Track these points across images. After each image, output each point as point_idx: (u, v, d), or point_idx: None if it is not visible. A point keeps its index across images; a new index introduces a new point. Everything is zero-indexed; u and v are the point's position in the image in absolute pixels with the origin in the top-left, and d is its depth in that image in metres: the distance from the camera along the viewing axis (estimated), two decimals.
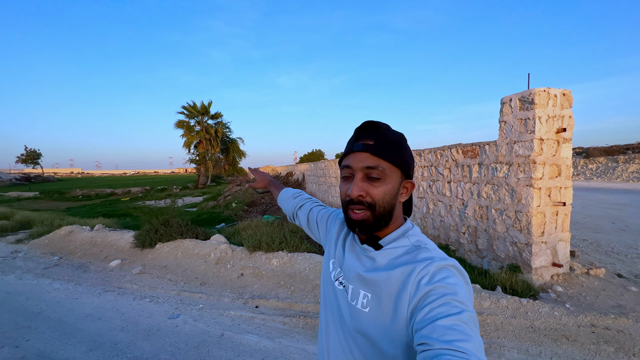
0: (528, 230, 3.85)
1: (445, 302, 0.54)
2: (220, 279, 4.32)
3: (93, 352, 2.71)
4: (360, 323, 0.66)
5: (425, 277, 0.59)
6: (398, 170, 0.68)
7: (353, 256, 0.74)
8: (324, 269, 0.84)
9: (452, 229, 5.20)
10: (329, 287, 0.79)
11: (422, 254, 0.64)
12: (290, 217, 1.13)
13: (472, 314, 0.54)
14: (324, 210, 0.99)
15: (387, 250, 0.68)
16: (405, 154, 0.68)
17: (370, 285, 0.66)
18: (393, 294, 0.62)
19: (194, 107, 26.43)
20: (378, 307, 0.64)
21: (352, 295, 0.69)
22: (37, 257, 5.85)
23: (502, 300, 3.00)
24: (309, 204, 1.06)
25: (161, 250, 5.32)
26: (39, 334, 3.03)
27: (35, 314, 3.48)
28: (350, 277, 0.72)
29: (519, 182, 3.96)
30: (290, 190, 1.18)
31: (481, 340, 0.51)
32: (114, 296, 3.95)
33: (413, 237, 0.69)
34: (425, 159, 5.87)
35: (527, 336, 2.61)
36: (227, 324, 3.17)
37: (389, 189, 0.66)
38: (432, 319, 0.52)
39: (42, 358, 2.64)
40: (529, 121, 3.83)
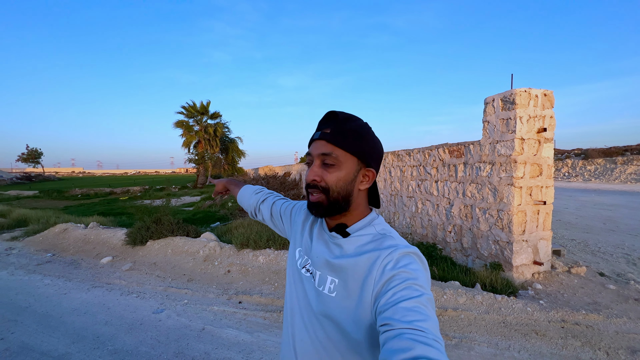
0: (509, 229, 3.90)
1: (407, 286, 0.58)
2: (207, 276, 4.38)
3: (75, 345, 2.77)
4: (327, 307, 0.69)
5: (390, 263, 0.62)
6: (354, 158, 0.70)
7: (321, 243, 0.77)
8: (290, 258, 0.86)
9: (439, 228, 5.25)
10: (295, 275, 0.81)
11: (387, 241, 0.67)
12: (251, 213, 1.13)
13: (430, 297, 0.58)
14: (287, 203, 1.01)
15: (354, 237, 0.71)
16: (364, 142, 0.70)
17: (337, 271, 0.69)
18: (359, 278, 0.65)
19: (193, 107, 26.54)
20: (344, 292, 0.67)
21: (320, 281, 0.72)
22: (31, 254, 5.92)
23: (477, 296, 3.06)
24: (272, 198, 1.08)
25: (152, 248, 5.39)
26: (24, 327, 3.10)
27: (23, 309, 3.54)
28: (319, 263, 0.74)
29: (501, 181, 4.02)
30: (251, 187, 1.19)
31: (436, 319, 0.55)
32: (102, 292, 4.01)
33: (379, 225, 0.72)
34: (414, 158, 5.92)
35: (499, 331, 2.67)
36: (209, 319, 3.23)
37: (343, 175, 0.69)
38: (395, 301, 0.56)
39: (25, 349, 2.71)
40: (510, 121, 3.88)
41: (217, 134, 27.09)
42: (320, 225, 0.81)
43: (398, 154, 6.48)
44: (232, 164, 30.13)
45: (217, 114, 27.64)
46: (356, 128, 0.70)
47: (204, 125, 26.93)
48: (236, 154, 30.15)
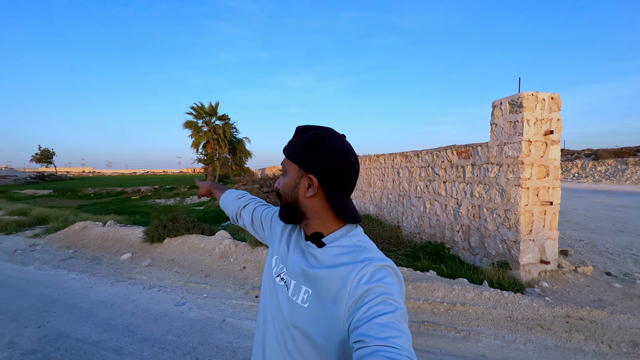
0: (516, 229, 4.01)
1: (381, 300, 0.58)
2: (224, 272, 4.58)
3: (107, 333, 2.99)
4: (299, 318, 0.68)
5: (365, 276, 0.62)
6: (294, 165, 0.73)
7: (297, 252, 0.76)
8: (267, 266, 0.86)
9: (447, 228, 5.37)
10: (270, 283, 0.81)
11: (362, 254, 0.67)
12: (233, 218, 1.12)
13: (404, 311, 0.59)
14: (268, 210, 1.01)
15: (330, 248, 0.71)
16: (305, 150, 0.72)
17: (311, 281, 0.69)
18: (333, 290, 0.64)
19: (201, 107, 26.95)
20: (317, 303, 0.66)
21: (294, 291, 0.72)
22: (54, 250, 6.21)
23: (485, 292, 3.19)
24: (253, 204, 1.08)
25: (169, 245, 5.62)
26: (58, 317, 3.33)
27: (54, 300, 3.78)
28: (294, 273, 0.74)
29: (508, 182, 4.13)
30: (234, 191, 1.19)
31: (410, 334, 0.56)
32: (125, 286, 4.24)
33: (355, 237, 0.72)
34: (422, 159, 6.05)
35: (505, 325, 2.80)
36: (228, 311, 3.42)
37: (287, 180, 0.75)
38: (369, 317, 0.55)
39: (62, 337, 2.93)
40: (517, 124, 4.00)
41: (226, 134, 27.46)
42: (298, 234, 0.80)
43: (406, 155, 6.61)
44: (240, 164, 30.49)
45: (226, 115, 28.03)
46: (302, 137, 0.74)
47: (212, 126, 27.32)
48: (243, 154, 30.50)
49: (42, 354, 2.65)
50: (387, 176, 7.42)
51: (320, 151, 0.71)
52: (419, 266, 4.33)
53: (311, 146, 0.71)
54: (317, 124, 0.77)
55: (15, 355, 2.64)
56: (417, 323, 2.92)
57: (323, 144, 0.71)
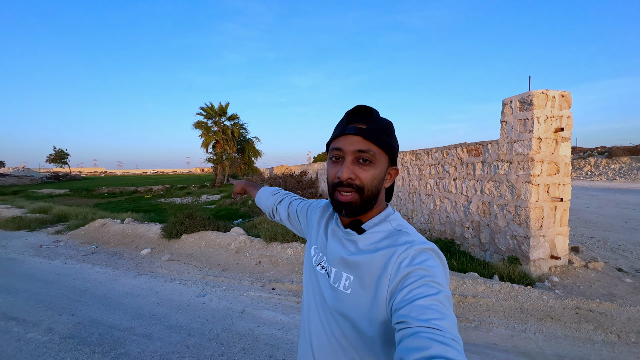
0: (527, 224, 4.08)
1: (423, 283, 0.56)
2: (240, 266, 4.77)
3: (136, 320, 3.19)
4: (342, 304, 0.69)
5: (406, 259, 0.61)
6: (386, 156, 0.70)
7: (336, 241, 0.77)
8: (306, 256, 0.87)
9: (457, 224, 5.45)
10: (311, 272, 0.82)
11: (402, 237, 0.66)
12: (269, 213, 1.15)
13: (448, 294, 0.57)
14: (303, 203, 1.03)
15: (370, 234, 0.70)
16: (393, 140, 0.71)
17: (352, 268, 0.69)
18: (375, 275, 0.64)
19: (211, 108, 27.36)
20: (360, 289, 0.66)
21: (335, 278, 0.72)
22: (77, 246, 6.50)
23: (495, 285, 3.28)
24: (288, 199, 1.10)
25: (186, 241, 5.83)
26: (89, 306, 3.55)
27: (83, 291, 4.02)
28: (334, 260, 0.74)
29: (518, 178, 4.20)
30: (268, 188, 1.22)
31: (455, 318, 0.54)
32: (147, 279, 4.46)
33: (394, 221, 0.72)
34: (432, 157, 6.13)
35: (516, 316, 2.89)
36: (247, 302, 3.59)
37: (378, 173, 0.69)
38: (411, 299, 0.55)
39: (95, 323, 3.14)
40: (527, 121, 4.06)
41: (235, 134, 27.81)
42: (335, 223, 0.80)
43: (416, 153, 6.70)
44: (249, 163, 30.84)
45: (235, 115, 28.38)
46: (387, 125, 0.71)
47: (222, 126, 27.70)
48: (252, 154, 30.84)
49: (79, 338, 2.86)
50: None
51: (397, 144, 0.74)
52: None
53: (394, 136, 0.72)
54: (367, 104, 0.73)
55: (55, 339, 2.86)
56: None
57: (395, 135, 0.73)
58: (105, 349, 2.69)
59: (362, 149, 0.67)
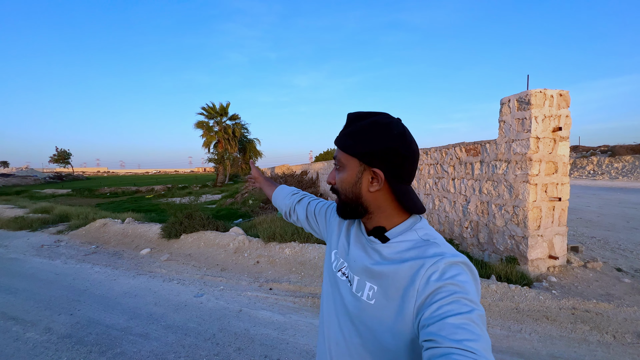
0: (525, 224, 4.07)
1: (455, 299, 0.53)
2: (239, 266, 4.78)
3: (133, 320, 3.21)
4: (365, 314, 0.66)
5: (435, 273, 0.58)
6: (354, 159, 0.68)
7: (359, 247, 0.73)
8: (327, 260, 0.85)
9: (456, 224, 5.44)
10: (331, 277, 0.80)
11: (431, 249, 0.62)
12: (286, 213, 1.12)
13: (482, 313, 0.54)
14: (322, 204, 1.00)
15: (395, 243, 0.67)
16: (365, 141, 0.66)
17: (377, 278, 0.66)
18: (400, 288, 0.61)
19: (213, 108, 27.42)
20: (384, 300, 0.63)
21: (358, 287, 0.69)
22: (77, 246, 6.54)
23: (492, 285, 3.28)
24: (307, 199, 1.07)
25: (185, 241, 5.86)
26: (87, 306, 3.58)
27: (82, 291, 4.05)
28: (356, 268, 0.71)
29: (516, 178, 4.18)
30: (287, 187, 1.18)
31: (489, 339, 0.51)
32: (146, 278, 4.48)
33: (421, 230, 0.67)
34: (431, 157, 6.12)
35: (511, 316, 2.89)
36: (244, 302, 3.61)
37: (346, 177, 0.70)
38: (441, 316, 0.52)
39: (93, 323, 3.16)
40: (526, 121, 4.05)
41: (236, 134, 27.86)
42: (358, 228, 0.77)
43: None
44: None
45: (236, 115, 28.44)
46: (359, 127, 0.67)
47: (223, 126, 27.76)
48: (253, 154, 30.89)
49: (77, 338, 2.88)
50: None
51: (382, 142, 0.65)
52: None
53: (372, 136, 0.66)
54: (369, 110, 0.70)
55: (52, 339, 2.88)
56: None
57: (385, 132, 0.66)
58: (102, 348, 2.71)
59: (334, 155, 0.74)
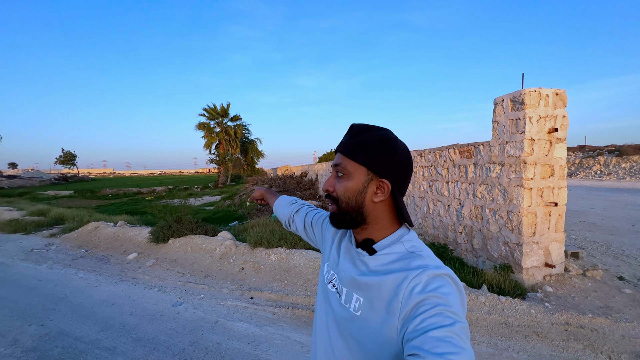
0: (519, 230, 3.86)
1: (438, 312, 0.53)
2: (223, 272, 4.64)
3: (104, 332, 3.08)
4: (351, 326, 0.67)
5: (418, 285, 0.58)
6: (363, 168, 0.68)
7: (348, 259, 0.75)
8: (321, 272, 0.86)
9: (450, 229, 5.24)
10: (323, 290, 0.81)
11: (416, 261, 0.63)
12: (286, 223, 1.14)
13: (465, 326, 0.54)
14: (319, 215, 1.01)
15: (381, 255, 0.68)
16: (375, 152, 0.68)
17: (363, 289, 0.67)
18: (385, 300, 0.62)
19: (214, 109, 27.41)
20: (369, 312, 0.64)
21: (346, 298, 0.71)
22: (67, 250, 6.46)
23: (480, 297, 3.09)
24: (305, 209, 1.08)
25: (173, 245, 5.74)
26: (61, 316, 3.46)
27: (60, 299, 3.94)
28: (345, 280, 0.72)
29: (510, 182, 3.98)
30: (286, 197, 1.21)
31: (472, 352, 0.51)
32: (127, 285, 4.36)
33: (408, 242, 0.68)
34: (425, 159, 5.92)
35: (499, 332, 2.70)
36: (222, 312, 3.46)
37: (351, 185, 0.69)
38: (424, 329, 0.52)
39: (62, 335, 3.04)
40: (519, 121, 3.84)
41: (237, 135, 27.83)
42: (349, 240, 0.78)
43: None
44: (251, 164, 30.85)
45: (237, 116, 28.42)
46: (369, 138, 0.69)
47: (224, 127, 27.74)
48: (255, 154, 30.84)
49: (41, 352, 2.76)
50: None
51: (391, 154, 0.68)
52: None
53: (382, 148, 0.68)
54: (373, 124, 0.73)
55: (16, 353, 2.76)
56: None
57: (393, 146, 0.69)
58: None
59: (336, 162, 0.72)
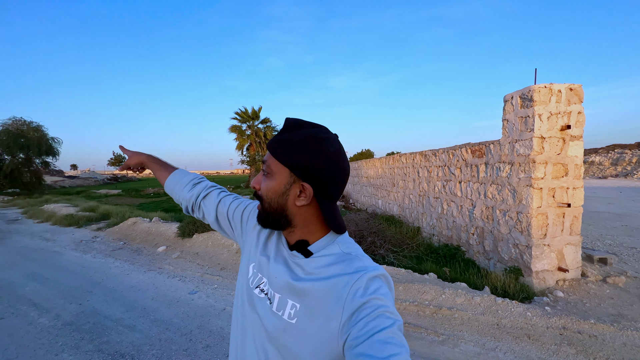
0: (528, 232, 3.72)
1: (379, 314, 0.54)
2: (237, 265, 4.97)
3: (128, 313, 3.51)
4: (286, 335, 0.63)
5: (360, 289, 0.58)
6: (286, 170, 0.64)
7: (280, 262, 0.69)
8: (242, 274, 0.77)
9: (463, 230, 5.12)
10: (248, 294, 0.73)
11: (354, 263, 0.62)
12: (187, 207, 0.95)
13: (400, 323, 0.56)
14: (236, 203, 0.88)
15: (318, 257, 0.65)
16: (300, 153, 0.62)
17: (299, 295, 0.63)
18: (325, 305, 0.59)
19: (245, 112, 28.58)
20: (307, 319, 0.61)
21: (278, 305, 0.65)
22: (109, 242, 7.26)
23: (476, 297, 3.05)
24: (217, 193, 0.92)
25: (196, 240, 6.22)
26: (96, 297, 3.98)
27: (97, 283, 4.50)
28: (278, 285, 0.67)
29: (520, 182, 3.84)
30: (186, 173, 1.00)
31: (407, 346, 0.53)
32: (154, 274, 4.85)
33: (343, 244, 0.67)
34: (439, 158, 5.83)
35: (490, 332, 2.67)
36: (230, 301, 3.76)
37: (274, 185, 0.65)
38: (369, 333, 0.52)
39: (94, 313, 3.52)
40: (529, 119, 3.71)
41: (267, 137, 28.73)
42: (279, 240, 0.72)
43: (425, 154, 6.41)
44: None
45: (267, 119, 29.34)
46: (296, 137, 0.63)
47: (255, 129, 28.81)
48: None
49: (76, 326, 3.23)
50: (409, 176, 7.25)
51: (317, 157, 0.62)
52: (423, 269, 4.24)
53: (307, 150, 0.62)
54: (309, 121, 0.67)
55: (57, 325, 3.26)
56: None
57: (321, 148, 0.62)
58: (93, 336, 3.01)
59: (264, 159, 0.67)
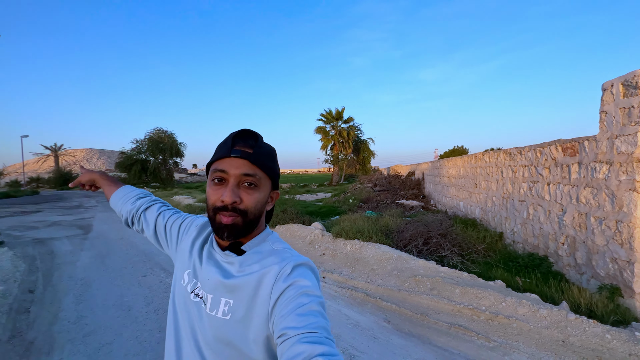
0: (630, 245, 3.12)
1: (300, 294, 0.59)
2: (308, 255, 5.56)
3: None
4: (222, 332, 0.66)
5: (285, 274, 0.63)
6: (270, 180, 0.71)
7: (212, 264, 0.72)
8: (177, 281, 0.79)
9: (551, 238, 4.50)
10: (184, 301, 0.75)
11: (280, 254, 0.68)
12: (127, 220, 0.97)
13: (322, 300, 0.60)
14: (176, 216, 0.91)
15: (249, 255, 0.70)
16: (276, 166, 0.73)
17: (232, 292, 0.67)
18: (256, 295, 0.64)
19: (329, 113, 29.86)
20: (241, 312, 0.65)
21: (212, 305, 0.68)
22: None
23: (542, 310, 2.78)
24: (158, 207, 0.96)
25: (278, 230, 7.13)
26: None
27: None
28: (210, 285, 0.70)
29: (620, 185, 3.24)
30: (133, 189, 1.05)
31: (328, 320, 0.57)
32: None
33: (274, 242, 0.73)
34: (525, 157, 5.21)
35: (551, 347, 2.44)
36: None
37: (262, 197, 0.69)
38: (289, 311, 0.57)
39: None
40: (632, 110, 3.10)
41: (350, 136, 29.41)
42: (210, 245, 0.76)
43: (510, 153, 5.79)
44: (363, 163, 31.91)
45: (350, 118, 30.01)
46: (270, 151, 0.72)
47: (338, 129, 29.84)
48: (367, 154, 31.74)
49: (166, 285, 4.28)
50: (492, 176, 6.62)
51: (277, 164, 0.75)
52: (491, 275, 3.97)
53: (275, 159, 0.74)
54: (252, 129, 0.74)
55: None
56: (448, 324, 2.92)
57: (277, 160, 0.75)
58: None
59: (248, 172, 0.66)
